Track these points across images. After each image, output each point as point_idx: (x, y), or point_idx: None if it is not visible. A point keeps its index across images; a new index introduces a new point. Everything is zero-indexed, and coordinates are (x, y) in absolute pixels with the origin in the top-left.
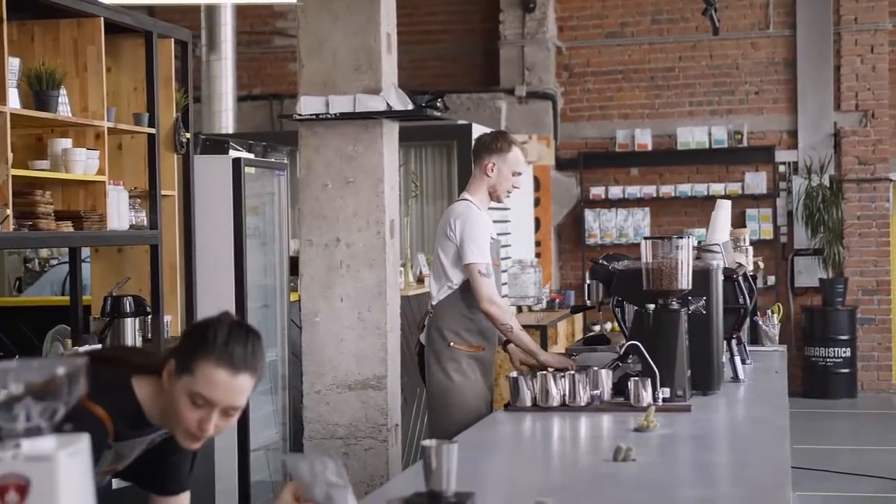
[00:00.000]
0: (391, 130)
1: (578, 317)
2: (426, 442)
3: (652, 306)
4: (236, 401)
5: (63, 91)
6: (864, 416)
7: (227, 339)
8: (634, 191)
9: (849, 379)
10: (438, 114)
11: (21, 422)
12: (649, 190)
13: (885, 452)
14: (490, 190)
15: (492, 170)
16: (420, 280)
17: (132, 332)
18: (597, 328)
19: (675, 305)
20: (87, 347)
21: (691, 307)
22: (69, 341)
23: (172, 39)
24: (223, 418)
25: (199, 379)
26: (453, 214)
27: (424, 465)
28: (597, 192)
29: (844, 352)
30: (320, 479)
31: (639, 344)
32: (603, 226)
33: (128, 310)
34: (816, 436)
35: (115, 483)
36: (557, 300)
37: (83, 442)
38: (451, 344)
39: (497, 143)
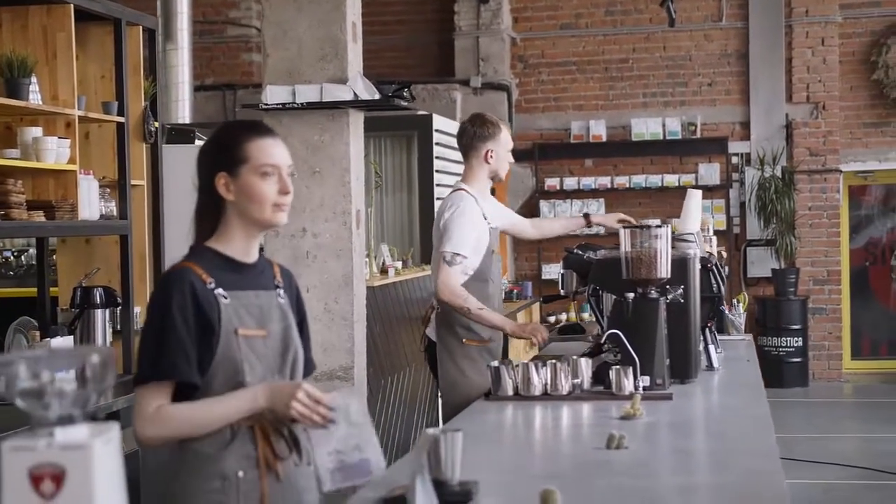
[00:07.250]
0: (357, 120)
1: (535, 307)
2: (431, 430)
3: (631, 295)
4: (288, 158)
5: (34, 79)
6: (817, 404)
7: (245, 125)
8: (589, 182)
9: (801, 368)
10: (405, 104)
11: (54, 410)
12: (604, 181)
13: (840, 440)
14: (491, 175)
15: (491, 156)
16: (384, 271)
17: (102, 324)
18: (563, 317)
19: (654, 294)
20: (57, 339)
21: (670, 296)
22: (37, 333)
23: (141, 27)
24: (289, 178)
25: (256, 156)
26: (449, 204)
27: (429, 454)
28: (552, 183)
29: (796, 341)
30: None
31: (619, 333)
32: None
33: (98, 301)
34: None
35: None
36: (515, 291)
37: (115, 430)
38: (464, 340)
39: (488, 129)
